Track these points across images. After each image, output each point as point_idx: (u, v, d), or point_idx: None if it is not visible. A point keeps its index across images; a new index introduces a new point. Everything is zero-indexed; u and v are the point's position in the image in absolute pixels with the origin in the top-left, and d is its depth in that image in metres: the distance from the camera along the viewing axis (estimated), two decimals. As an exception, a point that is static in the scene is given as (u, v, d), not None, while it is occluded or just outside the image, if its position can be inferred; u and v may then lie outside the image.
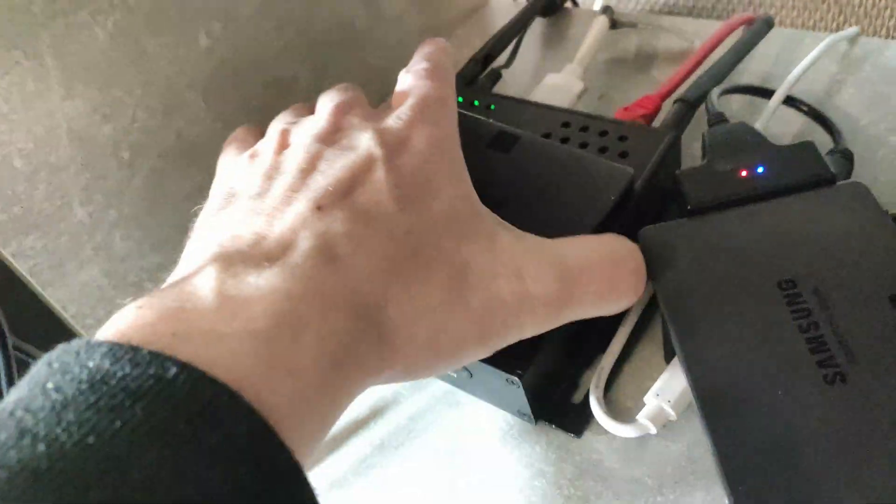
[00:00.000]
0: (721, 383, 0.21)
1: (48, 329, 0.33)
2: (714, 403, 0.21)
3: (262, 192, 0.21)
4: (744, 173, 0.26)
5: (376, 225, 0.20)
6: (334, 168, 0.21)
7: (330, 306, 0.18)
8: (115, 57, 0.31)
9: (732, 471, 0.19)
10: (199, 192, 0.35)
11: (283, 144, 0.23)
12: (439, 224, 0.21)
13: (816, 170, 0.25)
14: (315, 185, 0.20)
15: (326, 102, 0.25)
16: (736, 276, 0.23)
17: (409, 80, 0.25)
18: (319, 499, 0.15)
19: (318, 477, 0.28)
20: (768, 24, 0.36)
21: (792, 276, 0.22)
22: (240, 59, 0.35)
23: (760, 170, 0.26)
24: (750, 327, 0.22)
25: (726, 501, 0.19)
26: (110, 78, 0.31)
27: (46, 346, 0.16)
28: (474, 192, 0.23)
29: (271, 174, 0.22)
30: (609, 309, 0.24)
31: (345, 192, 0.20)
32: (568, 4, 0.46)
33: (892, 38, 0.38)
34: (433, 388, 0.29)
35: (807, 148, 0.26)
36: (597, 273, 0.23)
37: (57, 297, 0.32)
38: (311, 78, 0.39)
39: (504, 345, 0.22)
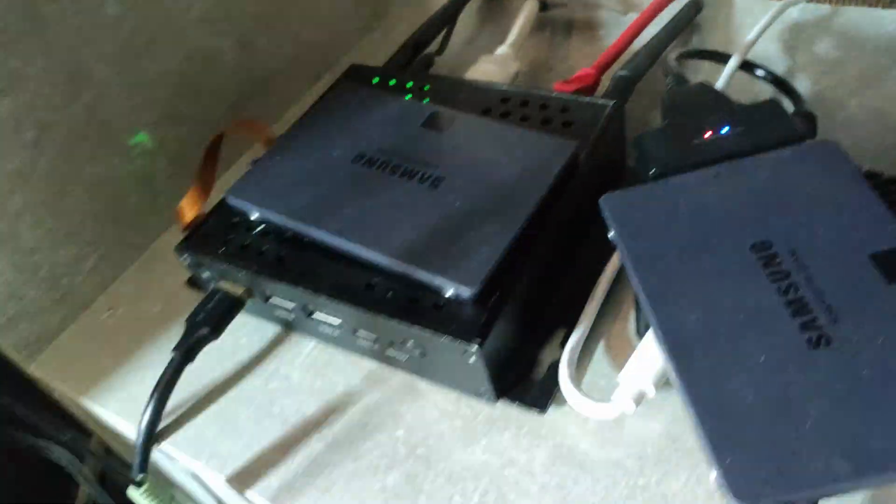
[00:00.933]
0: (699, 352, 0.20)
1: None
2: (693, 373, 0.19)
3: None
4: (708, 134, 0.25)
5: None
6: None
7: None
8: (7, 22, 0.27)
9: (718, 442, 0.18)
10: (114, 176, 0.32)
11: None
12: None
13: (784, 128, 0.24)
14: None
15: None
16: (707, 240, 0.22)
17: None
18: None
19: (265, 480, 0.25)
20: (697, 7, 0.37)
21: (766, 237, 0.21)
22: (155, 28, 0.32)
23: (725, 129, 0.25)
24: (726, 292, 0.21)
25: (713, 476, 0.18)
26: (4, 46, 0.27)
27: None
28: None
29: None
30: None
31: None
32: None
33: (838, 4, 0.38)
34: (389, 380, 0.27)
35: (772, 106, 0.25)
36: None
37: (-45, 295, 0.28)
38: (238, 52, 0.36)
39: None
